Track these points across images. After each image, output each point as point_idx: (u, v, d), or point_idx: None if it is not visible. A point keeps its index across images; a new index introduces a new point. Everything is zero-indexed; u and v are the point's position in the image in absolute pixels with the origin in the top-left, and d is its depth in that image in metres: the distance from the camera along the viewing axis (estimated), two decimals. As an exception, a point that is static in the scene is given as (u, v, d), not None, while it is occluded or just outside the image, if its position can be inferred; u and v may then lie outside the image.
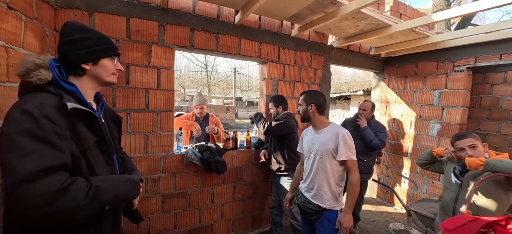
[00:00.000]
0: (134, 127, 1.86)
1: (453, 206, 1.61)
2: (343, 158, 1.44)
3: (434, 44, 2.63)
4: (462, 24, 7.11)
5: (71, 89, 0.84)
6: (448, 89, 2.78)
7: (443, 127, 2.84)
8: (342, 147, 1.44)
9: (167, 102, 1.98)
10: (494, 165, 1.37)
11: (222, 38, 2.14)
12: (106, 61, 0.91)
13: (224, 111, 15.74)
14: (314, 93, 1.60)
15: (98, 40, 0.90)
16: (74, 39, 0.86)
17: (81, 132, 0.82)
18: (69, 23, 0.88)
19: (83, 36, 0.87)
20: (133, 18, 1.79)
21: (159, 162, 1.99)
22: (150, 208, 1.99)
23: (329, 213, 1.50)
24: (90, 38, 0.88)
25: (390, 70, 3.41)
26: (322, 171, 1.51)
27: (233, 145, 2.36)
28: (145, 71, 1.86)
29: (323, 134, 1.54)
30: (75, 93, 0.85)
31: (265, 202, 2.59)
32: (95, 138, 0.87)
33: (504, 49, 2.34)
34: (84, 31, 0.89)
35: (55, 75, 0.82)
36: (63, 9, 1.60)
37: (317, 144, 1.53)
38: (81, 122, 0.85)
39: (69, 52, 0.85)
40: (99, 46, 0.90)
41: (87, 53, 0.87)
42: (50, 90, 0.79)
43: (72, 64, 0.86)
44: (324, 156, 1.49)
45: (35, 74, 0.78)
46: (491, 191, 1.46)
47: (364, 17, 2.03)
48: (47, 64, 0.82)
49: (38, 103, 0.73)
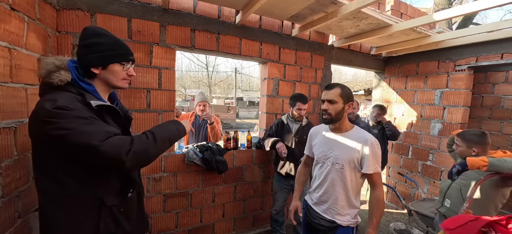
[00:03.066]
0: (136, 127, 1.87)
1: (445, 192, 1.70)
2: (370, 171, 1.22)
3: (435, 44, 2.62)
4: (463, 24, 7.07)
5: (90, 89, 0.90)
6: (449, 88, 2.77)
7: (444, 126, 2.84)
8: (371, 158, 1.22)
9: (168, 102, 1.99)
10: (499, 166, 1.35)
11: (223, 38, 2.15)
12: (116, 66, 0.94)
13: (225, 111, 15.76)
14: (348, 88, 1.31)
15: (110, 46, 0.92)
16: (87, 43, 0.90)
17: (109, 123, 0.90)
18: (87, 28, 0.93)
19: (95, 42, 0.91)
20: (134, 18, 1.80)
21: (161, 161, 2.00)
22: (151, 207, 2.00)
23: (345, 230, 1.30)
24: (102, 44, 0.91)
25: (391, 70, 3.40)
26: (340, 182, 1.28)
27: (234, 145, 2.37)
28: (147, 71, 1.87)
29: (347, 138, 1.29)
30: (92, 92, 0.90)
31: (266, 201, 2.60)
32: (120, 128, 0.95)
33: (506, 49, 2.33)
34: (98, 36, 0.92)
35: (74, 76, 0.87)
36: (65, 10, 1.61)
37: (338, 150, 1.29)
38: (109, 116, 0.93)
39: (83, 56, 0.90)
40: (110, 51, 0.92)
41: (96, 58, 0.90)
42: (71, 90, 0.85)
43: (84, 67, 0.91)
44: (346, 166, 1.26)
45: (56, 75, 0.83)
46: (485, 187, 1.48)
47: (364, 17, 2.03)
48: (65, 66, 0.87)
49: (68, 100, 0.80)
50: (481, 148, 1.54)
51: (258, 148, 2.45)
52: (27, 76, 1.25)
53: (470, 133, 1.62)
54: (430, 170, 3.01)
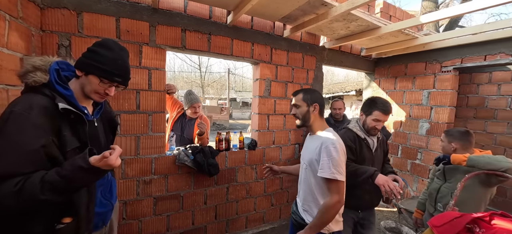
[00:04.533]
0: (125, 128, 1.84)
1: (435, 196, 1.75)
2: (322, 175, 1.16)
3: (422, 45, 2.69)
4: (450, 26, 7.30)
5: (65, 93, 0.89)
6: (436, 89, 2.86)
7: (432, 126, 2.92)
8: (325, 162, 1.16)
9: (158, 103, 1.96)
10: (476, 161, 1.48)
11: (214, 39, 2.13)
12: (94, 78, 0.93)
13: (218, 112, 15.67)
14: (314, 91, 1.36)
15: (103, 59, 0.93)
16: (92, 49, 0.94)
17: (63, 136, 0.84)
18: (104, 39, 0.99)
19: (98, 51, 0.93)
20: (123, 18, 1.76)
21: (151, 163, 1.96)
22: (141, 210, 1.96)
23: None
24: (100, 55, 0.93)
25: (380, 71, 3.47)
26: (307, 183, 1.31)
27: (226, 146, 2.35)
28: (136, 72, 1.84)
29: (313, 140, 1.32)
30: (68, 97, 0.89)
31: (259, 202, 2.59)
32: (77, 143, 0.89)
33: (488, 51, 2.42)
34: (103, 47, 0.94)
35: (52, 79, 0.87)
36: (50, 9, 1.56)
37: (306, 151, 1.35)
38: (68, 126, 0.87)
39: (81, 56, 0.95)
40: (98, 64, 0.92)
41: (83, 62, 0.93)
42: (44, 92, 0.84)
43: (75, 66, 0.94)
44: (308, 167, 1.28)
45: (31, 76, 0.85)
46: (471, 186, 1.53)
47: (354, 19, 2.06)
48: (46, 68, 0.88)
49: (27, 104, 0.79)
50: (460, 144, 1.62)
51: (251, 149, 2.43)
52: (9, 77, 1.20)
53: (454, 130, 1.72)
54: (418, 169, 3.09)
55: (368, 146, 1.61)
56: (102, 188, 1.11)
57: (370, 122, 1.56)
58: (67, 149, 0.84)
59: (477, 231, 1.11)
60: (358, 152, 1.58)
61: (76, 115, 0.88)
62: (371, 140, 1.63)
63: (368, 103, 1.60)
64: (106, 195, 1.15)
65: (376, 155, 1.65)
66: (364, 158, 1.58)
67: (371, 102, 1.59)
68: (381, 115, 1.53)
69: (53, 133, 0.82)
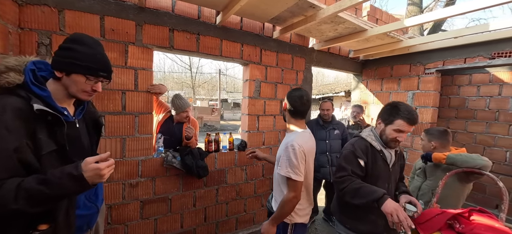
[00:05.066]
0: (110, 130, 1.78)
1: (417, 193, 1.81)
2: (280, 172, 1.26)
3: (407, 48, 2.78)
4: (433, 30, 7.59)
5: (42, 94, 0.85)
6: (420, 90, 2.96)
7: (416, 126, 3.01)
8: (282, 161, 1.25)
9: (145, 104, 1.91)
10: (454, 159, 1.57)
11: (203, 39, 2.11)
12: (79, 77, 0.90)
13: (209, 113, 15.54)
14: (292, 91, 1.37)
15: (82, 56, 0.89)
16: (66, 47, 0.90)
17: (38, 139, 0.80)
18: (75, 34, 0.94)
19: (73, 47, 0.89)
20: (108, 16, 1.71)
21: (137, 166, 1.91)
22: (127, 214, 1.91)
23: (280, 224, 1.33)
24: (77, 51, 0.88)
25: (368, 72, 3.56)
26: (275, 177, 1.40)
27: (216, 147, 2.33)
28: (121, 72, 1.79)
29: (285, 138, 1.38)
30: (45, 98, 0.85)
31: (249, 203, 2.59)
32: (53, 146, 0.85)
33: (468, 54, 2.53)
34: (79, 44, 0.90)
35: (27, 79, 0.84)
36: (29, 6, 1.49)
37: (279, 148, 1.39)
38: (45, 128, 0.83)
39: (54, 56, 0.90)
40: (79, 61, 0.88)
41: (62, 62, 0.88)
42: (19, 93, 0.81)
43: (51, 68, 0.90)
44: (277, 163, 1.36)
45: (4, 77, 0.81)
46: (451, 183, 1.60)
47: (341, 21, 2.10)
48: (21, 68, 0.84)
49: (0, 107, 0.75)
50: (439, 143, 1.70)
51: (240, 150, 2.43)
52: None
53: (434, 129, 1.80)
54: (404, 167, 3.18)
55: (385, 160, 1.33)
56: (87, 192, 1.07)
57: (390, 133, 1.27)
58: (42, 152, 0.80)
59: (457, 226, 1.16)
60: (371, 166, 1.31)
61: (53, 116, 0.84)
62: (388, 153, 1.35)
63: (389, 110, 1.30)
64: (91, 198, 1.11)
65: (393, 171, 1.39)
66: (378, 174, 1.31)
67: (393, 109, 1.29)
68: (405, 126, 1.22)
69: (28, 136, 0.78)
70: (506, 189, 1.27)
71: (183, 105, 2.34)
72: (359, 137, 1.41)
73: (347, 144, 1.41)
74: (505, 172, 3.05)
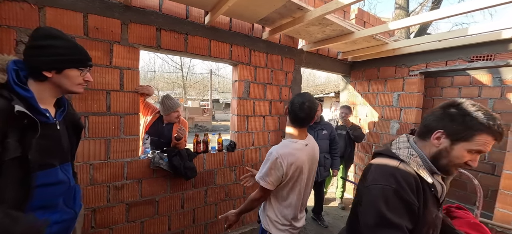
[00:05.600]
0: (94, 131, 1.73)
1: None
2: (256, 176, 1.30)
3: (393, 51, 2.87)
4: (419, 33, 7.84)
5: (25, 95, 0.83)
6: (405, 91, 3.05)
7: (401, 126, 3.11)
8: (262, 164, 1.29)
9: (131, 104, 1.87)
10: None
11: (191, 39, 2.09)
12: (72, 71, 0.91)
13: (200, 114, 15.39)
14: (297, 95, 1.29)
15: (67, 50, 0.90)
16: (40, 45, 0.86)
17: (6, 143, 0.77)
18: (40, 29, 0.90)
19: (50, 44, 0.87)
20: (92, 14, 1.67)
21: (123, 168, 1.87)
22: (112, 218, 1.86)
23: (262, 229, 1.42)
24: (58, 47, 0.88)
25: (356, 74, 3.64)
26: None
27: (204, 148, 2.31)
28: (106, 71, 1.75)
29: None
30: (29, 100, 0.83)
31: (238, 204, 2.58)
32: (18, 153, 0.80)
33: (449, 57, 2.64)
34: (53, 38, 0.89)
35: (10, 79, 0.81)
36: (6, 2, 1.43)
37: None
38: (18, 132, 0.80)
39: (33, 57, 0.86)
40: (67, 56, 0.89)
41: (50, 61, 0.87)
42: (2, 93, 0.79)
43: (33, 69, 0.86)
44: None
45: None
46: None
47: (329, 23, 2.14)
48: (3, 67, 0.82)
49: None
50: None
51: (230, 151, 2.42)
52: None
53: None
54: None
55: (435, 197, 0.86)
56: (65, 196, 1.04)
57: (461, 155, 0.78)
58: (5, 158, 0.76)
59: (436, 223, 1.19)
60: (421, 210, 0.79)
61: (29, 120, 0.81)
62: (439, 184, 0.87)
63: (460, 117, 0.79)
64: (69, 203, 1.08)
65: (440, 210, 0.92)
66: (425, 220, 0.81)
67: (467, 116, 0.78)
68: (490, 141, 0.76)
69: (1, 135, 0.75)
70: (480, 187, 1.33)
71: (174, 106, 2.31)
72: (394, 157, 0.86)
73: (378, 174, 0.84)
74: (484, 170, 3.19)
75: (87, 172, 1.73)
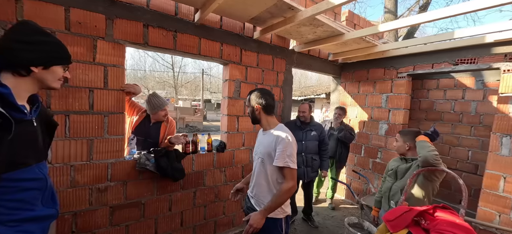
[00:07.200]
0: (75, 130, 1.65)
1: (388, 194, 1.86)
2: (279, 164, 1.31)
3: (382, 53, 2.91)
4: (407, 37, 8.07)
5: (3, 91, 0.80)
6: (393, 93, 3.11)
7: (390, 127, 3.16)
8: (280, 153, 1.30)
9: (116, 103, 1.80)
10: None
11: (181, 37, 2.04)
12: (58, 68, 0.93)
13: (192, 114, 15.19)
14: (259, 92, 1.45)
15: (55, 47, 0.92)
16: (30, 40, 0.86)
17: None
18: (28, 23, 0.89)
19: (41, 40, 0.88)
20: (74, 8, 1.59)
21: (107, 169, 1.79)
22: (95, 222, 1.78)
23: (271, 221, 1.34)
24: (47, 43, 0.90)
25: (346, 75, 3.68)
26: (263, 174, 1.40)
27: (193, 149, 2.26)
28: (89, 68, 1.67)
29: (267, 135, 1.43)
30: (6, 96, 0.80)
31: (228, 206, 2.54)
32: None
33: (435, 59, 2.71)
34: (42, 34, 0.90)
35: None
36: (-21, -8, 1.34)
37: (261, 146, 1.44)
38: None
39: (19, 51, 0.84)
40: (55, 53, 0.92)
41: (41, 57, 0.87)
42: None
43: (17, 64, 0.84)
44: (265, 159, 1.38)
45: None
46: (419, 182, 1.68)
47: (320, 24, 2.14)
48: None
49: None
50: (413, 144, 1.77)
51: (219, 151, 2.37)
52: None
53: (408, 130, 1.87)
54: (379, 167, 3.32)
55: None
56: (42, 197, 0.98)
57: None
58: None
59: (423, 223, 1.21)
60: None
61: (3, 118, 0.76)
62: None
63: None
64: (49, 203, 1.02)
65: None
66: None
67: None
68: None
69: None
70: (465, 186, 1.35)
71: (161, 104, 2.22)
72: None
73: None
74: (468, 169, 3.30)
75: (67, 174, 1.64)
